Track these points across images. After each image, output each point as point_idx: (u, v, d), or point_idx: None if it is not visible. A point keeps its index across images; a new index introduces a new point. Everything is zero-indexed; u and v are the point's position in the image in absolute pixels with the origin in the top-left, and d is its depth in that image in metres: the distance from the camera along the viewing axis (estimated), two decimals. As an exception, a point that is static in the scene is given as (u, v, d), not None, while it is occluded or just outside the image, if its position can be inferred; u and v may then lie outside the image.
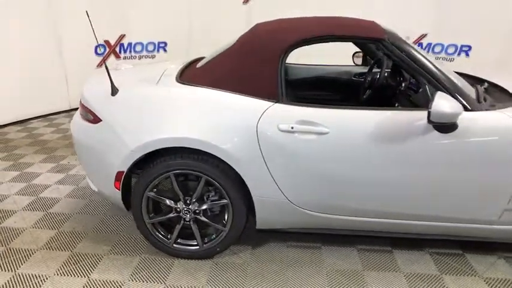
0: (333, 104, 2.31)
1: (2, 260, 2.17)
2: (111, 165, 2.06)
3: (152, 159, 2.04)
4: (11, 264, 2.14)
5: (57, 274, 2.07)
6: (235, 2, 6.09)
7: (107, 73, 2.12)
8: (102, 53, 5.54)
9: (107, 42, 5.53)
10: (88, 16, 2.13)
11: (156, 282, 2.01)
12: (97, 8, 5.13)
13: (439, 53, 5.68)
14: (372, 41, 2.00)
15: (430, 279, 2.04)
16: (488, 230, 2.03)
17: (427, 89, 1.97)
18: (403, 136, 1.86)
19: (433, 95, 1.74)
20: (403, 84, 2.58)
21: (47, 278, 2.04)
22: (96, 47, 5.43)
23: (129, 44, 5.77)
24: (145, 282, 2.02)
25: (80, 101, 2.27)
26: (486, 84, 2.42)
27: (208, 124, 1.93)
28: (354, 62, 3.44)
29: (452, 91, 1.89)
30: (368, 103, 3.04)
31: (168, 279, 2.04)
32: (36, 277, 2.04)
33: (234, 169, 1.95)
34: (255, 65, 2.01)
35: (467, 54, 5.50)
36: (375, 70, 3.05)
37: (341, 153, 1.89)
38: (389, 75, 2.89)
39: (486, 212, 1.97)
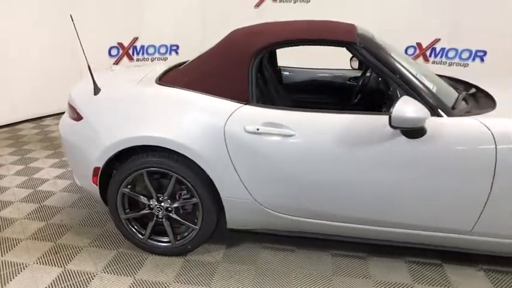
0: (327, 107, 2.33)
1: (-10, 247, 2.32)
2: (89, 161, 2.15)
3: (128, 157, 2.12)
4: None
5: (37, 263, 2.18)
6: (247, 5, 6.16)
7: (90, 74, 2.22)
8: (116, 55, 5.74)
9: (120, 44, 5.73)
10: (72, 20, 2.25)
11: (126, 276, 2.08)
12: (111, 11, 5.34)
13: (453, 58, 5.53)
14: (342, 44, 1.99)
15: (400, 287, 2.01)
16: (462, 240, 1.97)
17: (398, 93, 1.94)
18: (369, 140, 1.84)
19: (397, 99, 1.72)
20: (391, 89, 2.54)
21: (26, 266, 2.15)
22: (109, 49, 5.63)
23: (142, 47, 5.96)
24: (116, 274, 2.09)
25: (68, 101, 2.38)
26: (473, 90, 2.35)
27: (177, 123, 1.99)
28: (351, 66, 3.42)
29: (423, 96, 1.86)
30: (358, 107, 3.02)
31: (138, 274, 2.10)
32: (17, 265, 2.16)
33: (203, 168, 2.00)
34: (227, 67, 2.05)
35: (482, 60, 5.32)
36: (367, 74, 3.03)
37: (305, 155, 1.90)
38: (381, 80, 2.87)
39: (458, 222, 1.91)
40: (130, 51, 5.86)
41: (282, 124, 1.91)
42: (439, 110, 1.84)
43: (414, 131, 1.78)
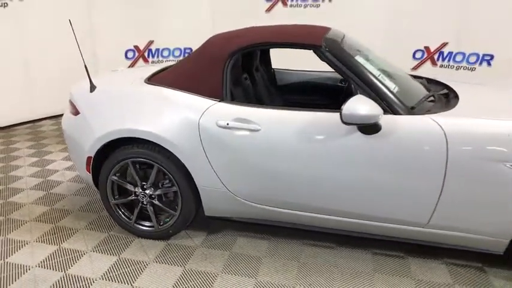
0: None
1: (2, 229, 2.61)
2: (84, 151, 2.40)
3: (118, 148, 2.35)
4: (3, 231, 2.56)
5: (36, 241, 2.45)
6: (258, 10, 6.35)
7: (86, 73, 2.48)
8: (132, 57, 6.09)
9: (136, 47, 6.07)
10: (71, 24, 2.51)
11: (112, 255, 2.31)
12: (128, 15, 5.69)
13: (460, 62, 5.51)
14: (308, 47, 2.14)
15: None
16: (419, 233, 2.07)
17: (358, 93, 2.08)
18: (328, 136, 1.99)
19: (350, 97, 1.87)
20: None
21: (27, 243, 2.43)
22: (126, 52, 5.98)
23: (157, 50, 6.27)
24: (103, 254, 2.33)
25: (69, 98, 2.65)
26: (445, 91, 2.44)
27: (159, 118, 2.20)
28: None
29: (381, 95, 1.98)
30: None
31: (123, 253, 2.33)
32: (19, 242, 2.44)
33: (180, 159, 2.20)
34: (205, 68, 2.26)
35: (489, 64, 5.28)
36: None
37: (270, 149, 2.06)
38: None
39: (414, 215, 2.02)
40: (146, 54, 6.19)
41: (249, 120, 2.09)
42: (396, 109, 1.96)
43: (369, 127, 1.92)
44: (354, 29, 5.81)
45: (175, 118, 2.18)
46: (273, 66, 3.53)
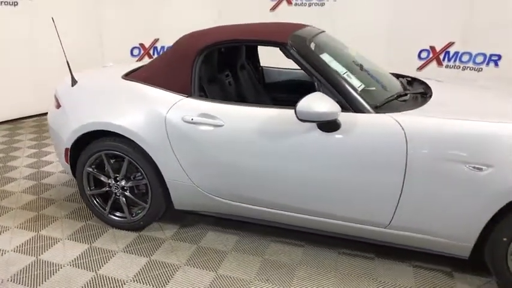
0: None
1: (-14, 212, 2.75)
2: (63, 142, 2.50)
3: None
4: (-10, 216, 2.71)
5: (17, 227, 2.57)
6: (263, 9, 6.37)
7: (68, 68, 2.57)
8: (137, 55, 6.22)
9: (142, 45, 6.20)
10: (54, 22, 2.61)
11: (84, 243, 2.40)
12: (134, 13, 5.82)
13: (466, 62, 5.36)
14: (273, 44, 2.15)
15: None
16: (381, 233, 2.05)
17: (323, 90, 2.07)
18: (288, 132, 2.00)
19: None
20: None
21: (8, 229, 2.54)
22: (132, 49, 6.13)
23: (162, 47, 6.38)
24: (77, 242, 2.41)
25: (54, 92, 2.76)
26: (421, 90, 2.40)
27: (129, 112, 2.27)
28: None
29: (343, 93, 1.97)
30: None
31: (95, 242, 2.41)
32: (1, 227, 2.56)
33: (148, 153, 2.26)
34: (175, 65, 2.31)
35: (496, 64, 5.11)
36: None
37: (232, 144, 2.09)
38: None
39: (376, 215, 2.00)
40: (151, 52, 6.32)
41: (214, 115, 2.12)
42: (358, 107, 1.95)
43: (327, 125, 1.92)
44: (358, 27, 5.78)
45: (145, 112, 2.24)
46: (261, 64, 3.54)
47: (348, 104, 1.96)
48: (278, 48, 2.15)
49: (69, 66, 2.58)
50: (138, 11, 5.89)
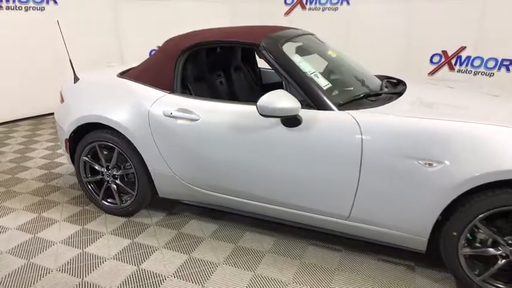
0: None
1: (1, 198, 3.07)
2: (64, 134, 2.77)
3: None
4: (0, 199, 3.01)
5: (23, 209, 2.86)
6: (277, 14, 6.54)
7: (71, 67, 2.85)
8: (155, 57, 6.56)
9: (159, 47, 6.53)
10: (58, 25, 2.89)
11: (78, 225, 2.65)
12: (152, 19, 6.17)
13: (478, 67, 5.29)
14: (247, 45, 2.32)
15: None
16: (342, 225, 2.15)
17: (290, 89, 2.21)
18: (255, 127, 2.15)
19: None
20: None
21: (14, 210, 2.84)
22: (150, 52, 6.46)
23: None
24: (72, 223, 2.67)
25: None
26: (395, 90, 2.48)
27: (119, 106, 2.50)
28: None
29: (307, 91, 2.10)
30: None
31: (87, 225, 2.65)
32: (8, 209, 2.86)
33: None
34: (160, 64, 2.52)
35: (508, 69, 5.02)
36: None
37: (206, 137, 2.27)
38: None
39: (336, 207, 2.11)
40: (168, 55, 6.64)
41: (191, 110, 2.31)
42: (321, 104, 2.07)
43: (289, 121, 2.05)
44: (371, 32, 5.83)
45: (132, 107, 2.46)
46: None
47: (311, 102, 2.09)
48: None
49: (71, 65, 2.86)
50: (155, 17, 6.23)
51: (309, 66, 2.27)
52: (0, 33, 4.94)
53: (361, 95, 2.25)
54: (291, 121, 2.05)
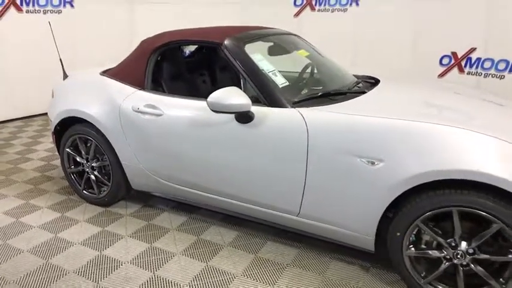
0: None
1: (-2, 183, 3.33)
2: (52, 127, 2.97)
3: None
4: (-1, 186, 3.28)
5: (15, 196, 3.08)
6: (287, 15, 6.58)
7: (61, 65, 3.05)
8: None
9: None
10: (50, 26, 3.09)
11: (59, 213, 2.82)
12: (164, 22, 6.39)
13: (488, 69, 5.09)
14: (210, 44, 2.40)
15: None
16: (293, 221, 2.18)
17: (248, 87, 2.26)
18: (211, 123, 2.23)
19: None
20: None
21: (7, 197, 3.07)
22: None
23: (189, 52, 6.88)
24: (54, 211, 2.85)
25: (53, 86, 3.26)
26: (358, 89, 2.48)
27: (95, 101, 2.66)
28: None
29: (260, 89, 2.15)
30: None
31: (67, 213, 2.82)
32: (3, 195, 3.09)
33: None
34: (133, 62, 2.66)
35: (518, 72, 4.79)
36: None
37: (168, 132, 2.37)
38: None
39: (286, 203, 2.14)
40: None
41: (156, 106, 2.42)
42: (274, 102, 2.11)
43: (241, 117, 2.11)
44: (380, 33, 5.76)
45: (106, 102, 2.61)
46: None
47: (265, 99, 2.14)
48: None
49: (61, 63, 3.06)
50: (168, 20, 6.44)
51: (269, 64, 2.32)
52: (22, 34, 5.30)
53: (319, 94, 2.26)
54: (243, 117, 2.11)
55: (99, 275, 2.14)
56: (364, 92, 2.37)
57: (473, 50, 5.15)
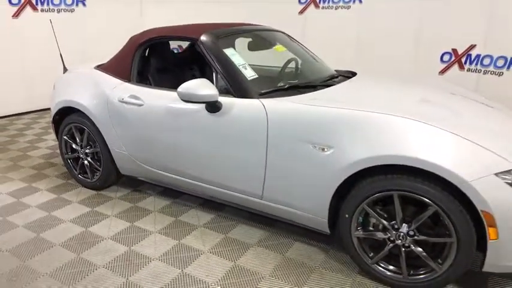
0: None
1: (7, 170, 3.63)
2: (51, 116, 3.24)
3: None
4: (6, 170, 3.57)
5: (19, 180, 3.38)
6: (292, 13, 6.70)
7: (61, 60, 3.32)
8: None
9: (179, 46, 6.99)
10: (51, 24, 3.36)
11: (55, 195, 3.09)
12: (175, 20, 6.64)
13: (488, 65, 5.07)
14: (188, 40, 2.59)
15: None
16: (257, 204, 2.35)
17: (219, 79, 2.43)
18: (185, 112, 2.42)
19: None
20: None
21: (12, 180, 3.37)
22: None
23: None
24: (51, 193, 3.12)
25: (56, 79, 3.53)
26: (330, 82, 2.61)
27: (87, 93, 2.90)
28: None
29: (230, 81, 2.33)
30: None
31: (62, 195, 3.09)
32: (8, 178, 3.40)
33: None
34: (121, 57, 2.88)
35: (517, 68, 4.75)
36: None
37: (148, 120, 2.58)
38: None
39: (250, 186, 2.31)
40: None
41: (138, 96, 2.63)
42: (242, 93, 2.28)
43: (210, 106, 2.30)
44: (383, 30, 5.83)
45: (96, 93, 2.85)
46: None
47: (233, 90, 2.31)
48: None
49: (61, 58, 3.33)
50: (177, 17, 6.69)
51: (240, 59, 2.49)
52: (37, 31, 5.65)
53: (286, 86, 2.42)
54: (212, 107, 2.29)
55: (83, 248, 2.38)
56: (333, 85, 2.51)
57: (473, 46, 5.14)
